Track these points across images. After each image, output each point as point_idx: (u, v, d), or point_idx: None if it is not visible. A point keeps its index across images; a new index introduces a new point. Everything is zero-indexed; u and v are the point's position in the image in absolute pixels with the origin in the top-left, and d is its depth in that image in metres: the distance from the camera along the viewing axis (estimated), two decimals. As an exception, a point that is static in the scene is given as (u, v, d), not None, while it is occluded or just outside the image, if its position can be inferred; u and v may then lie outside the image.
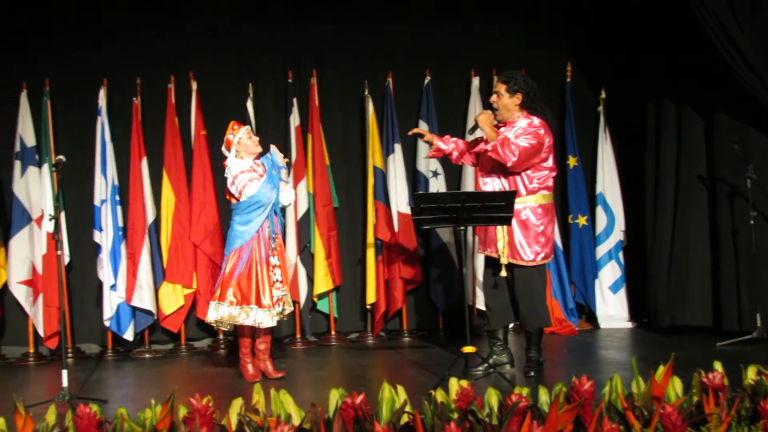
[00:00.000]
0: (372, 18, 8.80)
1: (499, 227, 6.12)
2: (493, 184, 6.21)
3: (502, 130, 6.17)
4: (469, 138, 6.68)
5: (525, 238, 6.11)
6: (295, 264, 8.28)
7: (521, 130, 6.06)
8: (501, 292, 6.30)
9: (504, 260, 6.12)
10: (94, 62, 8.31)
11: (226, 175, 6.51)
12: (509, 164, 5.97)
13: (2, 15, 8.17)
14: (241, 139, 6.50)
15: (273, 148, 6.61)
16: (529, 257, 6.12)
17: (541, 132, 6.06)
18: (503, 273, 6.15)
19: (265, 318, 6.33)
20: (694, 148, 7.84)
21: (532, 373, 6.14)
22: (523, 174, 6.10)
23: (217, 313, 6.37)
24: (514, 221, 6.00)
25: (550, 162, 6.18)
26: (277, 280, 6.48)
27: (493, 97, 6.28)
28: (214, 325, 6.46)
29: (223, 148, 6.62)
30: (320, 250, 8.29)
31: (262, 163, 6.55)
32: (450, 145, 6.54)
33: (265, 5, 8.63)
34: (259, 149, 6.57)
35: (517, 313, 6.29)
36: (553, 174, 6.24)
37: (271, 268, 6.42)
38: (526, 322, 6.24)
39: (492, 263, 6.32)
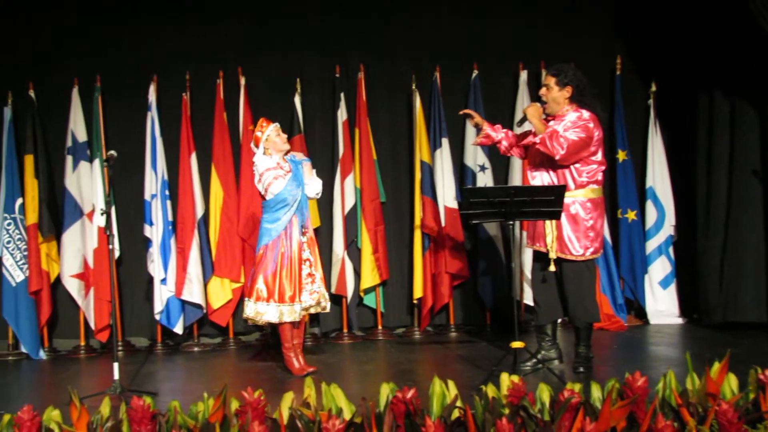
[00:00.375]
0: (419, 12, 8.78)
1: (547, 222, 6.07)
2: (541, 177, 6.17)
3: (551, 123, 6.12)
4: (518, 131, 6.63)
5: (574, 232, 6.06)
6: (342, 258, 8.29)
7: (570, 123, 6.01)
8: (549, 286, 6.25)
9: (552, 255, 6.07)
10: (144, 58, 8.40)
11: (254, 171, 6.57)
12: (557, 157, 5.92)
13: (54, 12, 8.29)
14: (269, 136, 6.53)
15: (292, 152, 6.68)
16: (579, 252, 6.06)
17: (591, 125, 6.00)
18: (552, 268, 6.10)
19: (295, 312, 6.40)
20: (749, 141, 7.70)
21: (581, 369, 6.09)
22: (572, 168, 6.05)
23: (249, 309, 6.46)
24: (563, 216, 5.95)
25: (599, 156, 6.11)
26: (310, 274, 6.54)
27: (543, 90, 6.23)
28: (249, 321, 6.56)
29: (252, 145, 6.68)
30: (367, 244, 8.30)
31: (289, 160, 6.59)
32: (500, 134, 6.47)
33: (314, 2, 8.65)
34: (288, 147, 6.62)
35: (565, 308, 6.25)
36: (603, 168, 6.17)
37: (304, 262, 6.48)
38: (574, 318, 6.18)
39: (540, 258, 6.27)
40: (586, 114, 6.05)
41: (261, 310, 6.39)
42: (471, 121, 6.60)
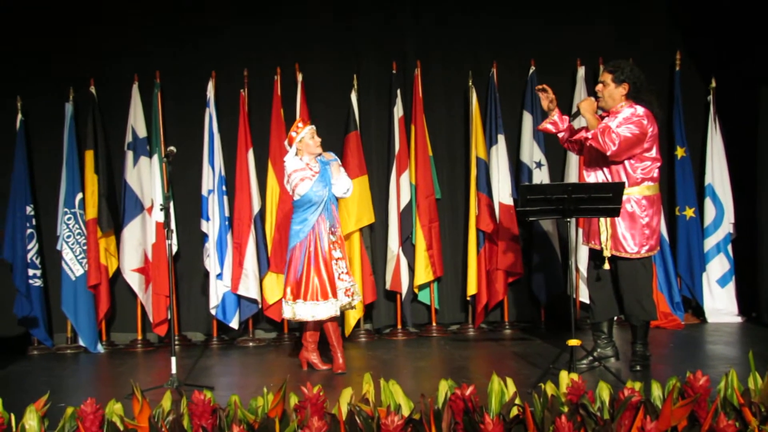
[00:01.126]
0: (476, 7, 8.73)
1: (602, 219, 6.02)
2: (596, 175, 6.13)
3: (605, 119, 6.07)
4: (573, 125, 6.56)
5: (629, 230, 6.00)
6: (397, 255, 8.30)
7: (624, 119, 5.96)
8: (604, 284, 6.20)
9: (607, 253, 6.02)
10: (203, 54, 8.50)
11: (284, 171, 6.67)
12: (609, 153, 5.87)
13: (115, 9, 8.42)
14: (303, 137, 6.62)
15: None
16: (634, 249, 6.01)
17: (645, 122, 5.93)
18: (606, 266, 6.05)
19: (331, 309, 6.50)
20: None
21: (638, 368, 6.05)
22: (626, 164, 5.99)
23: (286, 310, 6.59)
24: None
25: (654, 152, 6.04)
26: (342, 272, 6.60)
27: (599, 86, 6.17)
28: (287, 320, 6.76)
29: (285, 143, 6.76)
30: (421, 241, 8.30)
31: (319, 162, 6.65)
32: (564, 124, 6.39)
33: (371, -2, 8.68)
34: (320, 150, 6.68)
35: (621, 306, 6.19)
36: (658, 164, 6.10)
37: (335, 261, 6.56)
38: (631, 316, 6.13)
39: (595, 256, 6.23)
40: (640, 110, 5.98)
41: (295, 310, 6.51)
42: (545, 100, 6.35)
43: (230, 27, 8.55)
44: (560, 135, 6.43)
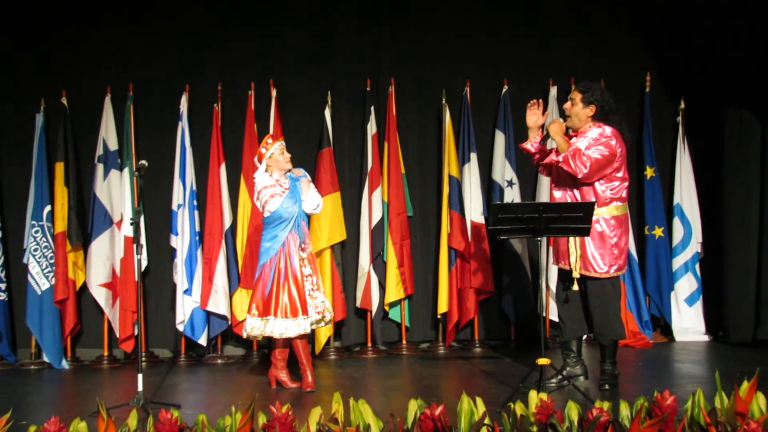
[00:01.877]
0: (450, 26, 8.80)
1: (571, 240, 6.05)
2: (565, 195, 6.15)
3: (573, 140, 6.10)
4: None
5: (599, 249, 6.04)
6: (368, 272, 8.29)
7: (592, 140, 6.00)
8: (573, 304, 6.24)
9: (576, 274, 6.05)
10: (177, 68, 8.48)
11: (254, 187, 6.67)
12: (580, 176, 5.91)
13: (90, 21, 8.37)
14: (273, 153, 6.62)
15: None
16: (603, 269, 6.04)
17: (613, 142, 5.97)
18: (575, 287, 6.08)
19: (300, 327, 6.46)
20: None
21: (607, 386, 6.07)
22: (595, 185, 6.03)
23: (248, 325, 6.54)
24: None
25: (622, 172, 6.09)
26: (312, 289, 6.58)
27: (567, 104, 6.22)
28: (249, 337, 6.66)
29: (255, 159, 6.76)
30: (393, 258, 8.29)
31: (288, 178, 6.64)
32: (536, 144, 6.44)
33: (345, 15, 8.67)
34: (289, 166, 6.68)
35: (590, 325, 6.22)
36: (626, 184, 6.15)
37: (305, 278, 6.54)
38: (599, 335, 6.16)
39: (565, 276, 6.26)
40: (608, 130, 6.03)
41: (258, 326, 6.48)
42: (535, 115, 6.39)
43: (205, 41, 8.53)
44: (535, 156, 6.47)
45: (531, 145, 6.40)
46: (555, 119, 6.33)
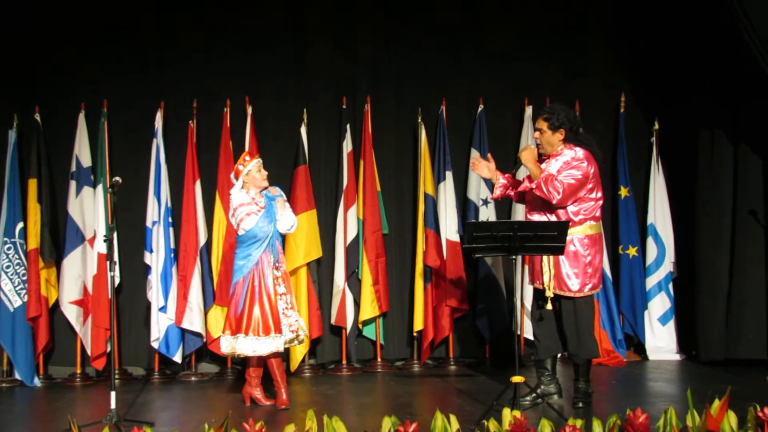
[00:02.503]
0: (426, 46, 8.85)
1: (545, 259, 6.08)
2: (541, 219, 6.17)
3: (543, 165, 6.14)
4: (518, 174, 6.62)
5: (572, 269, 6.06)
6: (343, 290, 8.28)
7: (564, 164, 6.04)
8: (548, 323, 6.26)
9: (549, 293, 6.07)
10: (152, 85, 8.45)
11: (229, 205, 6.66)
12: (554, 201, 5.95)
13: (63, 36, 8.34)
14: (250, 171, 6.62)
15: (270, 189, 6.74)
16: (577, 288, 6.06)
17: (585, 164, 6.01)
18: (548, 307, 6.10)
19: (273, 345, 6.43)
20: (752, 181, 7.77)
21: (581, 404, 6.08)
22: (568, 207, 6.06)
23: (226, 344, 6.52)
24: None
25: (596, 192, 6.13)
26: (286, 307, 6.57)
27: (536, 134, 6.26)
28: (225, 355, 6.72)
29: (232, 176, 6.75)
30: (368, 276, 8.29)
31: (264, 196, 6.65)
32: (507, 181, 6.52)
33: (321, 32, 8.70)
34: (266, 184, 6.69)
35: (564, 343, 6.24)
36: (600, 203, 6.19)
37: (279, 296, 6.53)
38: (573, 354, 6.18)
39: (539, 295, 6.28)
40: (580, 152, 6.06)
41: (236, 345, 6.45)
42: (482, 169, 6.54)
43: (180, 58, 8.53)
44: (510, 193, 6.52)
45: (499, 189, 6.49)
46: (526, 146, 6.37)
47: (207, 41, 8.57)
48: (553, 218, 6.09)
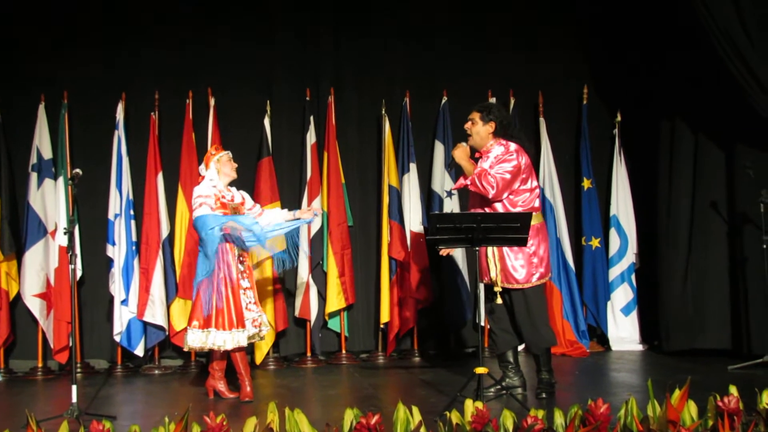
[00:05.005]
0: (390, 37, 8.86)
1: (490, 255, 6.11)
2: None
3: (479, 162, 6.18)
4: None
5: (517, 261, 6.10)
6: (307, 282, 8.26)
7: (495, 159, 6.09)
8: (501, 316, 6.30)
9: (498, 288, 6.10)
10: (112, 76, 8.37)
11: (194, 190, 6.62)
12: (490, 195, 5.99)
13: (22, 27, 8.24)
14: (221, 157, 6.61)
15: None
16: (523, 278, 6.10)
17: (515, 156, 6.06)
18: (498, 300, 6.13)
19: (237, 340, 6.37)
20: (711, 172, 7.85)
21: (544, 395, 6.12)
22: (503, 200, 6.09)
23: (191, 338, 6.41)
24: (504, 247, 6.00)
25: (530, 183, 6.17)
26: (250, 302, 6.55)
27: (468, 124, 6.30)
28: (189, 349, 6.55)
29: (201, 167, 6.73)
30: (333, 268, 8.28)
31: (231, 199, 6.63)
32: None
33: (285, 23, 8.67)
34: (234, 176, 6.67)
35: (520, 336, 6.27)
36: (537, 193, 6.22)
37: (243, 291, 6.50)
38: (531, 344, 6.24)
39: (489, 290, 6.31)
40: (512, 146, 6.12)
41: (203, 339, 6.37)
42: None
43: (142, 48, 8.45)
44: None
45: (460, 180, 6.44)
46: (458, 144, 6.36)
47: (169, 32, 8.49)
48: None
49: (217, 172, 6.58)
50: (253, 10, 8.63)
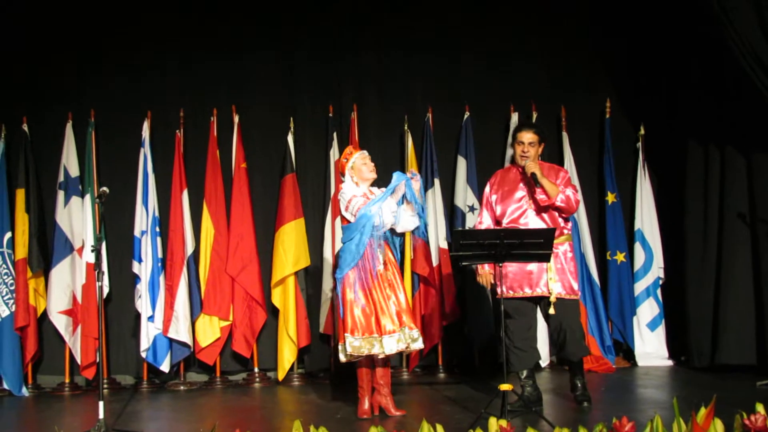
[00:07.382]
0: (413, 52, 8.88)
1: (545, 265, 6.07)
2: (537, 224, 6.19)
3: (544, 179, 6.14)
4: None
5: (574, 271, 6.19)
6: (331, 298, 8.25)
7: (560, 178, 6.17)
8: (518, 334, 6.20)
9: (553, 299, 6.06)
10: (138, 94, 8.48)
11: (339, 198, 6.24)
12: (573, 212, 6.26)
13: (51, 47, 8.35)
14: (354, 162, 6.23)
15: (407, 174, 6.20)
16: (578, 288, 6.24)
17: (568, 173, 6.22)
18: (552, 311, 6.10)
19: (385, 347, 5.98)
20: (739, 185, 7.76)
21: (586, 404, 6.19)
22: (560, 218, 6.16)
23: (347, 347, 5.96)
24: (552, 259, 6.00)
25: None
26: (398, 311, 6.10)
27: (525, 148, 6.16)
28: (350, 359, 6.05)
29: (339, 174, 6.44)
30: (357, 283, 8.27)
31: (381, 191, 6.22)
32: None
33: (308, 41, 8.75)
34: (374, 176, 6.29)
35: (561, 347, 6.23)
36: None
37: (388, 297, 6.08)
38: (571, 354, 6.20)
39: (528, 304, 6.29)
40: (556, 165, 6.32)
41: (357, 345, 5.94)
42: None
43: (167, 67, 8.56)
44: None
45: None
46: (531, 163, 6.12)
47: (193, 51, 8.58)
48: (550, 222, 6.16)
49: (351, 179, 6.23)
50: (276, 28, 8.70)
